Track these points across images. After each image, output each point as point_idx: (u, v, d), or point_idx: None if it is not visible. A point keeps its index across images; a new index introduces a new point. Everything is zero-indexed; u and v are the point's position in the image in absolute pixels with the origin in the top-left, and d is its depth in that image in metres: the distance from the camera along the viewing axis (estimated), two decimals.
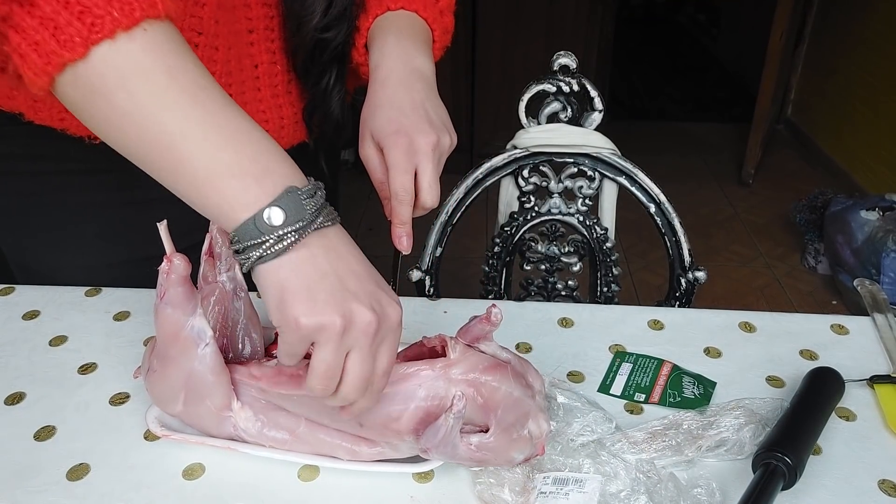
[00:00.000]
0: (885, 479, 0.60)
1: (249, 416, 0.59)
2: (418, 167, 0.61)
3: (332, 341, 0.47)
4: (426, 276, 1.00)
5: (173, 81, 0.47)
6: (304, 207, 0.47)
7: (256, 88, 0.75)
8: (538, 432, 0.57)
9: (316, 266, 0.48)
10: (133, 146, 0.48)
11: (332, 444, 0.58)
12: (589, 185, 1.00)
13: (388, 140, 0.61)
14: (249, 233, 0.46)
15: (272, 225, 0.46)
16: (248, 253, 0.47)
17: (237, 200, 0.47)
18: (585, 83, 0.95)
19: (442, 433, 0.54)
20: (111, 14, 0.44)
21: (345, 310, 0.47)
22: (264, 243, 0.46)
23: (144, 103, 0.46)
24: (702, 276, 0.99)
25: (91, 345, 0.75)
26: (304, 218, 0.47)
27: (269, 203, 0.46)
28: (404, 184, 0.60)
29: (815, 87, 3.33)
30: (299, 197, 0.47)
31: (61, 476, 0.60)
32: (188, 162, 0.47)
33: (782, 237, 2.74)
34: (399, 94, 0.64)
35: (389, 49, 0.67)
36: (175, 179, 0.48)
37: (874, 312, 0.80)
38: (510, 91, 1.16)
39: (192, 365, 0.57)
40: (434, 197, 0.62)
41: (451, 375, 0.55)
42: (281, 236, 0.46)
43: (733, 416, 0.63)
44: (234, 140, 0.48)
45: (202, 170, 0.47)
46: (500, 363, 0.57)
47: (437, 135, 0.62)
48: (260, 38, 0.72)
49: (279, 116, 0.77)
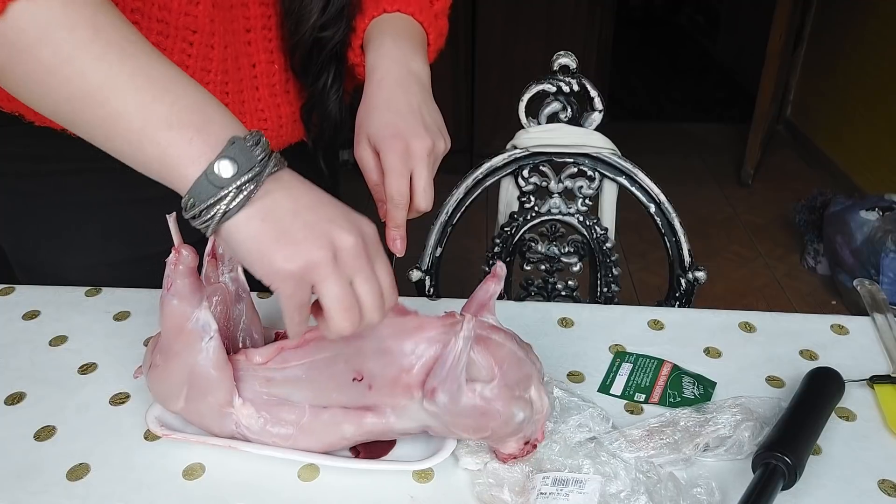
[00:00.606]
0: (885, 479, 0.61)
1: (251, 412, 0.59)
2: (413, 171, 0.62)
3: (329, 274, 0.46)
4: (426, 276, 1.00)
5: (99, 34, 0.45)
6: (254, 155, 0.46)
7: (254, 87, 0.75)
8: (539, 403, 0.58)
9: (283, 208, 0.46)
10: (63, 105, 0.47)
11: (337, 422, 0.58)
12: (589, 185, 1.00)
13: (385, 144, 0.61)
14: (205, 190, 0.45)
15: (226, 177, 0.44)
16: (209, 212, 0.45)
17: (182, 154, 0.45)
18: (585, 83, 0.95)
19: (450, 361, 0.54)
20: None
21: (327, 239, 0.46)
22: (224, 198, 0.45)
23: (69, 57, 0.45)
24: (702, 276, 0.99)
25: (91, 345, 0.75)
26: (255, 164, 0.45)
27: (217, 156, 0.45)
28: (400, 188, 0.61)
29: (814, 87, 3.33)
30: (246, 145, 0.46)
31: (61, 476, 0.60)
32: (121, 116, 0.45)
33: (782, 237, 2.74)
34: (396, 97, 0.64)
35: (386, 51, 0.67)
36: (110, 137, 0.47)
37: (874, 312, 0.80)
38: (510, 91, 1.16)
39: (195, 359, 0.57)
40: (428, 201, 0.62)
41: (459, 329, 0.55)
42: (240, 187, 0.45)
43: (731, 414, 0.63)
44: (168, 91, 0.46)
45: (137, 122, 0.45)
46: (506, 329, 0.59)
47: (433, 139, 0.63)
48: (258, 38, 0.73)
49: (277, 115, 0.78)
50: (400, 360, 0.56)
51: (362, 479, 0.60)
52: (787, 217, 2.75)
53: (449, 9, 0.77)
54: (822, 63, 3.24)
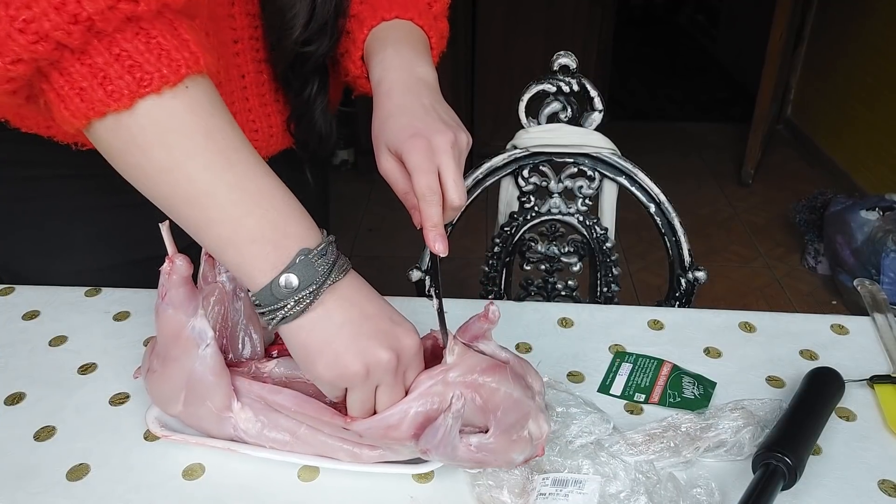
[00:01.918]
0: (885, 479, 0.61)
1: (250, 416, 0.59)
2: (440, 166, 0.59)
3: (358, 385, 0.52)
4: (426, 276, 1.00)
5: (210, 142, 0.49)
6: (317, 269, 0.50)
7: (245, 98, 0.75)
8: (538, 433, 0.57)
9: (332, 321, 0.51)
10: (164, 198, 0.51)
11: (333, 446, 0.58)
12: (589, 185, 1.00)
13: (406, 145, 0.59)
14: (268, 298, 0.50)
15: (288, 290, 0.49)
16: (271, 314, 0.50)
17: (255, 266, 0.50)
18: (585, 83, 0.95)
19: (441, 433, 0.54)
20: (160, 71, 0.46)
21: (364, 357, 0.51)
22: (283, 307, 0.50)
23: (181, 161, 0.48)
24: (702, 276, 0.99)
25: (91, 345, 0.75)
26: (316, 279, 0.50)
27: (283, 269, 0.49)
28: (430, 184, 0.58)
29: (814, 87, 3.33)
30: (311, 260, 0.50)
31: (61, 476, 0.60)
32: (215, 223, 0.50)
33: (782, 237, 2.74)
34: (408, 102, 0.63)
35: (389, 61, 0.66)
36: (201, 235, 0.51)
37: (874, 312, 0.80)
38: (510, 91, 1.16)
39: (192, 365, 0.57)
40: (461, 194, 0.59)
41: (450, 379, 0.55)
42: (298, 300, 0.50)
43: (732, 418, 0.63)
44: (259, 205, 0.50)
45: (227, 233, 0.50)
46: (499, 364, 0.57)
47: (454, 133, 0.61)
48: (246, 49, 0.72)
49: (268, 125, 0.78)
50: (386, 416, 0.55)
51: (362, 480, 0.60)
52: (788, 217, 2.75)
53: (448, 9, 0.76)
54: (823, 63, 3.24)
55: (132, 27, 0.46)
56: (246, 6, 0.70)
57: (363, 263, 2.32)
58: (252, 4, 0.70)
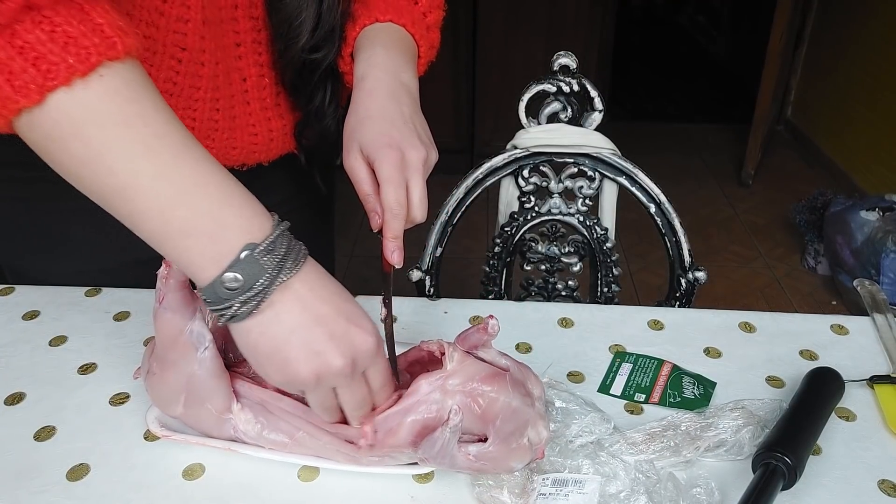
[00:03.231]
0: (884, 479, 0.61)
1: (249, 418, 0.59)
2: (409, 181, 0.60)
3: (312, 390, 0.52)
4: (426, 276, 1.00)
5: (128, 131, 0.46)
6: (263, 267, 0.47)
7: (245, 102, 0.75)
8: (537, 439, 0.57)
9: (282, 325, 0.48)
10: (92, 192, 0.48)
11: (332, 449, 0.58)
12: (589, 185, 1.00)
13: (380, 153, 0.60)
14: (213, 295, 0.47)
15: (233, 290, 0.46)
16: (219, 312, 0.48)
17: (193, 262, 0.47)
18: (585, 83, 0.95)
19: (439, 445, 0.54)
20: (66, 61, 0.43)
21: (314, 364, 0.49)
22: (230, 307, 0.47)
23: (98, 153, 0.46)
24: (702, 276, 0.99)
25: (91, 345, 0.75)
26: (264, 278, 0.47)
27: (227, 267, 0.46)
28: (399, 198, 0.59)
29: (814, 87, 3.33)
30: (256, 256, 0.47)
31: (61, 476, 0.60)
32: (144, 216, 0.47)
33: (782, 238, 2.74)
34: (389, 107, 0.63)
35: (377, 60, 0.66)
36: (136, 229, 0.48)
37: (874, 313, 0.80)
38: (510, 91, 1.16)
39: (191, 368, 0.57)
40: (424, 212, 0.61)
41: (449, 386, 0.55)
42: (244, 301, 0.47)
43: (732, 418, 0.63)
44: (187, 195, 0.47)
45: (157, 226, 0.47)
46: (499, 372, 0.56)
47: (426, 150, 0.62)
48: (248, 52, 0.72)
49: (268, 129, 0.77)
50: (384, 423, 0.55)
51: (362, 480, 0.60)
52: (788, 217, 2.75)
53: (442, 21, 0.76)
54: (823, 63, 3.23)
55: (32, 16, 0.43)
56: (249, 9, 0.70)
57: (363, 263, 2.32)
58: (255, 8, 0.70)
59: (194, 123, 0.72)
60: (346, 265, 2.40)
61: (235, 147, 0.76)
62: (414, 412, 0.55)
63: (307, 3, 0.68)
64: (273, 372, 0.50)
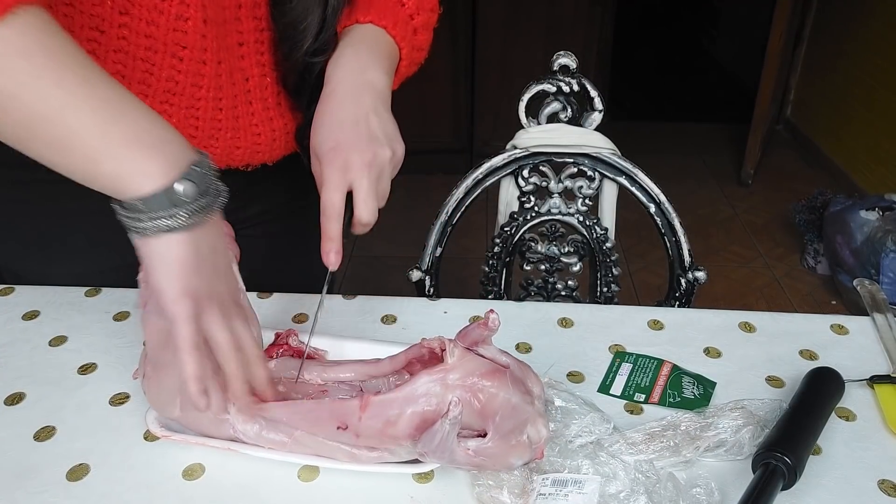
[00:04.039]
0: (884, 479, 0.61)
1: (247, 418, 0.59)
2: (353, 183, 0.62)
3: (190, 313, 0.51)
4: (426, 276, 1.00)
5: (53, 59, 0.47)
6: (214, 184, 0.49)
7: (248, 102, 0.75)
8: (537, 437, 0.57)
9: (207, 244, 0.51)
10: (20, 127, 0.49)
11: (332, 447, 0.58)
12: (589, 185, 1.00)
13: (325, 157, 0.63)
14: (159, 204, 0.48)
15: (184, 199, 0.48)
16: (151, 222, 0.48)
17: (138, 170, 0.48)
18: (585, 83, 0.95)
19: (438, 438, 0.54)
20: None
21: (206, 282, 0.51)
22: (175, 215, 0.48)
23: (26, 82, 0.47)
24: (701, 276, 0.99)
25: (91, 345, 0.75)
26: (210, 193, 0.49)
27: (182, 175, 0.48)
28: (332, 200, 0.62)
29: (814, 87, 3.33)
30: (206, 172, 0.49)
31: (61, 476, 0.60)
32: (80, 135, 0.47)
33: (782, 237, 2.74)
34: (342, 108, 0.65)
35: (343, 61, 0.68)
36: (65, 156, 0.49)
37: (874, 312, 0.80)
38: (510, 91, 1.16)
39: None
40: (369, 213, 0.63)
41: (449, 381, 0.55)
42: (192, 211, 0.48)
43: (731, 418, 0.63)
44: (125, 113, 0.48)
45: (96, 139, 0.47)
46: (499, 368, 0.57)
47: (374, 151, 0.63)
48: (250, 52, 0.72)
49: (271, 129, 0.77)
50: (385, 413, 0.55)
51: (362, 480, 0.60)
52: (787, 217, 2.75)
53: (434, 23, 0.76)
54: (822, 63, 3.24)
55: None
56: (252, 9, 0.70)
57: (363, 263, 2.32)
58: (258, 8, 0.70)
59: (198, 123, 0.72)
60: (345, 265, 2.38)
61: (239, 147, 0.76)
62: (414, 403, 0.55)
63: (312, 7, 0.69)
64: (169, 280, 0.49)
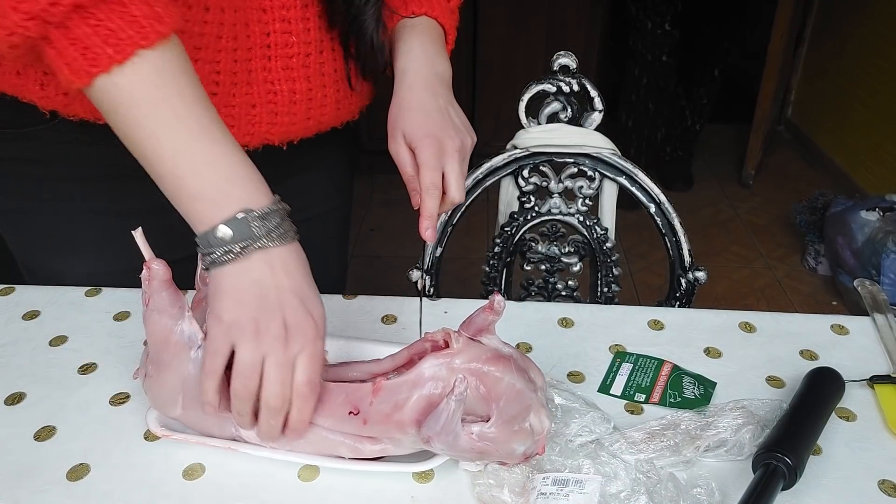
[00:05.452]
0: (885, 480, 0.61)
1: None
2: (445, 166, 0.70)
3: (246, 341, 0.54)
4: (426, 275, 1.00)
5: (155, 111, 0.55)
6: (252, 230, 0.55)
7: (266, 57, 0.73)
8: (539, 427, 0.57)
9: (250, 276, 0.55)
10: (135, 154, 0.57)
11: (335, 441, 0.58)
12: (589, 185, 1.00)
13: (420, 142, 0.70)
14: (205, 243, 0.55)
15: (221, 240, 0.54)
16: (206, 257, 0.56)
17: (197, 218, 0.56)
18: (585, 83, 0.95)
19: (443, 419, 0.54)
20: (106, 52, 0.52)
21: (260, 315, 0.54)
22: (214, 253, 0.55)
23: (131, 129, 0.55)
24: (702, 276, 0.99)
25: (91, 345, 0.75)
26: (249, 237, 0.55)
27: (220, 222, 0.55)
28: (434, 179, 0.69)
29: (815, 88, 3.32)
30: (248, 220, 0.55)
31: (61, 476, 0.60)
32: (164, 183, 0.56)
33: (783, 238, 2.74)
34: (426, 99, 0.73)
35: (416, 55, 0.75)
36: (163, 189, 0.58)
37: (874, 313, 0.80)
38: (510, 91, 1.16)
39: (186, 369, 0.57)
40: (461, 193, 0.70)
41: (454, 365, 0.55)
42: (227, 250, 0.55)
43: (732, 417, 0.63)
44: (199, 169, 0.56)
45: (173, 191, 0.57)
46: (503, 355, 0.57)
47: (461, 138, 0.71)
48: (274, 6, 0.71)
49: (290, 90, 0.75)
50: (391, 398, 0.56)
51: (362, 480, 0.60)
52: (788, 217, 2.75)
53: (462, 2, 0.83)
54: (823, 63, 3.23)
55: (80, 14, 0.52)
56: None
57: (364, 263, 2.33)
58: None
59: (219, 77, 0.71)
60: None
61: (255, 105, 0.74)
62: (421, 387, 0.55)
63: None
64: (223, 309, 0.55)
